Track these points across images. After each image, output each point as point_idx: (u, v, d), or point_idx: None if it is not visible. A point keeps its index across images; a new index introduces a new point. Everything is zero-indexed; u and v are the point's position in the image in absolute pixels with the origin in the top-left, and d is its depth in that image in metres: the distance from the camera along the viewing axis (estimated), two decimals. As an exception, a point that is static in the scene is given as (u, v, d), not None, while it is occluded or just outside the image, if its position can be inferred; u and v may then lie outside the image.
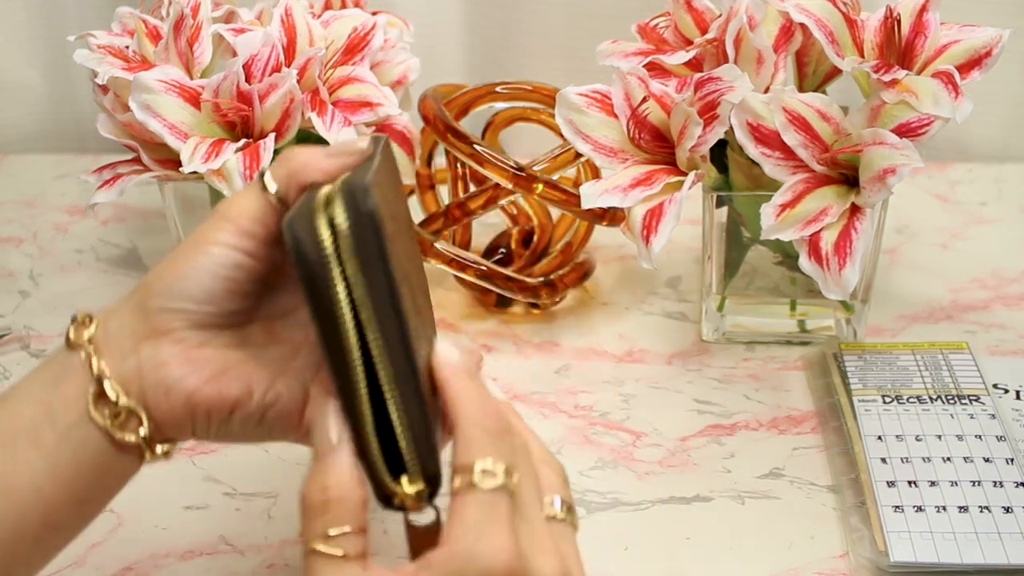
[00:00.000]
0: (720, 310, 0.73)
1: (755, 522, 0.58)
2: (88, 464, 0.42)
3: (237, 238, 0.43)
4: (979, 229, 0.87)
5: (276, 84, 0.67)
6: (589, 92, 0.66)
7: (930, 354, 0.69)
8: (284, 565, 0.56)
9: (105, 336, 0.43)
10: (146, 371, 0.43)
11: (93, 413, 0.42)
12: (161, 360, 0.43)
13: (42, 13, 1.04)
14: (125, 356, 0.43)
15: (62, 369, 0.43)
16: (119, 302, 0.45)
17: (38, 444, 0.42)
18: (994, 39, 0.63)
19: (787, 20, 0.65)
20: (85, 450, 0.42)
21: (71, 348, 0.43)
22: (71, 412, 0.42)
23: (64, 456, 0.42)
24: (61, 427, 0.42)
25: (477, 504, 0.37)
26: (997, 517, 0.55)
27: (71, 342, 0.43)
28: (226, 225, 0.43)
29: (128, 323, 0.43)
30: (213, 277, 0.43)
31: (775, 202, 0.61)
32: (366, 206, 0.38)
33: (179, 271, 0.43)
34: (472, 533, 0.36)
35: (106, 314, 0.44)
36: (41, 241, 0.90)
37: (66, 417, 0.42)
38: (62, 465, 0.42)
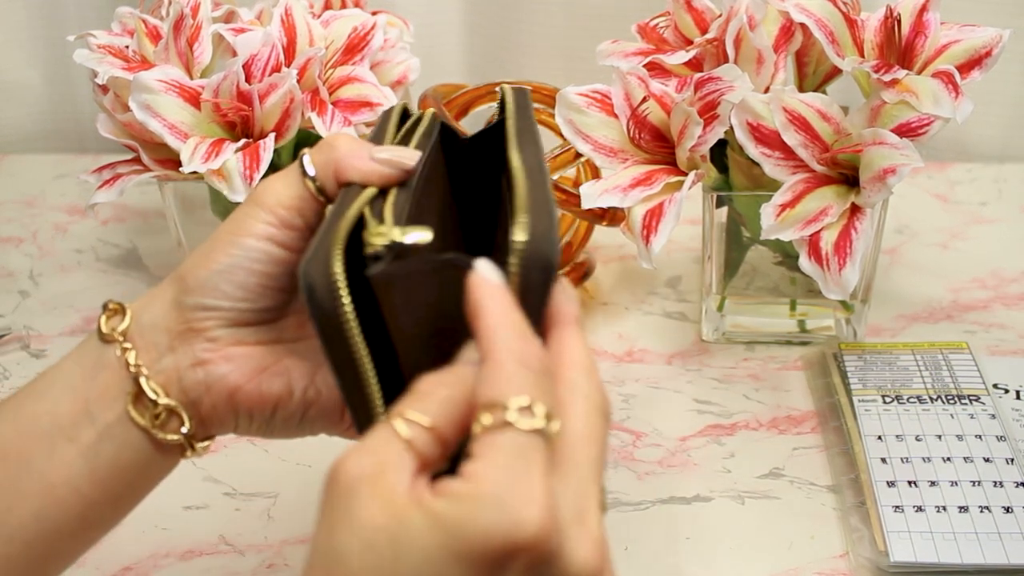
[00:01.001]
0: (720, 310, 0.73)
1: (755, 522, 0.58)
2: (128, 463, 0.42)
3: (274, 228, 0.42)
4: (979, 229, 0.87)
5: (276, 84, 0.67)
6: (589, 92, 0.66)
7: (930, 354, 0.69)
8: (284, 565, 0.56)
9: (139, 331, 0.42)
10: (184, 369, 0.42)
11: (133, 413, 0.41)
12: (200, 358, 0.42)
13: (42, 13, 1.04)
14: (161, 353, 0.42)
15: (97, 362, 0.42)
16: (152, 293, 0.43)
17: (76, 441, 0.41)
18: (994, 39, 0.63)
19: (787, 20, 0.65)
20: (125, 449, 0.42)
21: (104, 341, 0.42)
22: (109, 410, 0.41)
23: (103, 455, 0.41)
24: (100, 425, 0.41)
25: (511, 445, 0.31)
26: (997, 517, 0.55)
27: (104, 334, 0.42)
28: (261, 215, 0.42)
29: (162, 318, 0.42)
30: (248, 272, 0.42)
31: (775, 202, 0.61)
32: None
33: (214, 265, 0.42)
34: (502, 476, 0.30)
35: (140, 306, 0.43)
36: (41, 241, 0.90)
37: (105, 415, 0.41)
38: (101, 464, 0.41)
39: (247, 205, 0.42)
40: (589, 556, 0.31)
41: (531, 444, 0.31)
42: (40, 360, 0.74)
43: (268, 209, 0.42)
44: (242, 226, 0.42)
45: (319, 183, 0.42)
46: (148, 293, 0.44)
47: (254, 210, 0.42)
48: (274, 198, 0.42)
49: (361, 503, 0.31)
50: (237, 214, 0.42)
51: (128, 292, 0.82)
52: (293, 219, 0.42)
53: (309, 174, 0.42)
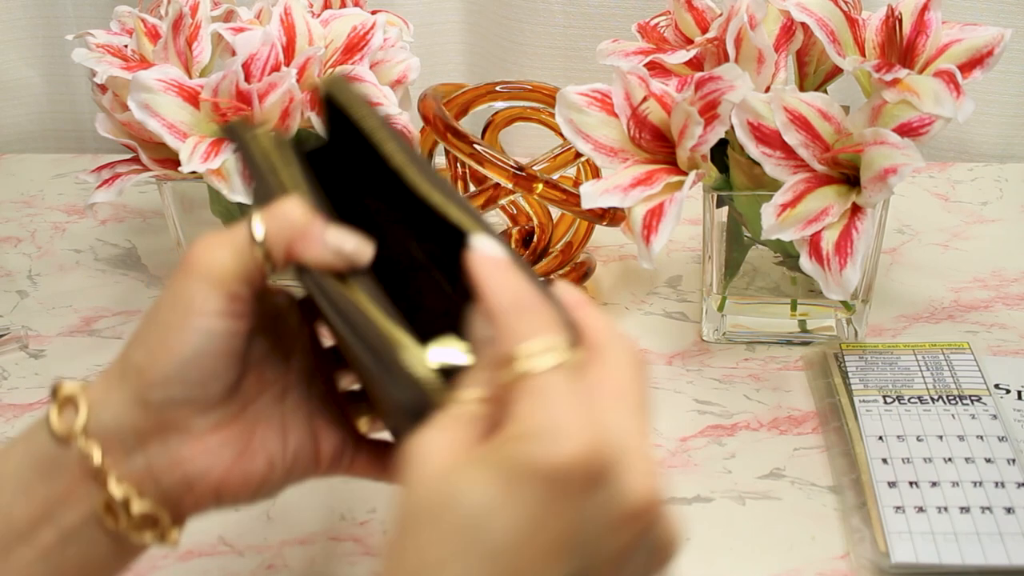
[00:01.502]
0: (720, 310, 0.72)
1: (755, 523, 0.58)
2: (96, 561, 0.40)
3: (228, 303, 0.39)
4: (980, 229, 0.87)
5: (275, 83, 0.67)
6: (589, 92, 0.66)
7: (931, 354, 0.68)
8: (284, 566, 0.56)
9: (101, 429, 0.39)
10: (160, 470, 0.39)
11: (104, 519, 0.39)
12: (177, 458, 0.40)
13: (41, 12, 1.04)
14: (129, 453, 0.39)
15: (54, 462, 0.39)
16: (107, 385, 0.40)
17: (34, 545, 0.38)
18: (996, 38, 0.63)
19: (788, 19, 0.65)
20: (93, 549, 0.39)
21: (59, 440, 0.39)
22: (73, 511, 0.39)
23: (69, 556, 0.39)
24: (64, 528, 0.39)
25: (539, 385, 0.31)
26: (999, 518, 0.55)
27: (58, 434, 0.39)
28: (212, 291, 0.39)
29: (126, 416, 0.39)
30: (214, 356, 0.39)
31: (776, 202, 0.61)
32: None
33: (175, 356, 0.38)
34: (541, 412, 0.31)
35: (96, 398, 0.39)
36: (39, 241, 0.90)
37: (68, 517, 0.39)
38: (66, 565, 0.39)
39: (193, 280, 0.39)
40: (644, 481, 0.31)
41: (558, 377, 0.31)
42: (38, 360, 0.74)
43: (217, 284, 0.39)
44: (194, 306, 0.39)
45: (266, 249, 0.39)
46: (101, 382, 0.40)
47: (202, 287, 0.39)
48: (220, 271, 0.39)
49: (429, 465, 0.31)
50: (182, 290, 0.39)
51: (127, 292, 0.82)
52: (240, 289, 0.39)
53: (258, 241, 0.39)
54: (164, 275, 0.83)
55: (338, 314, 0.38)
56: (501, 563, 0.30)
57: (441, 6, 1.03)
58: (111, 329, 0.77)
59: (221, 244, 0.39)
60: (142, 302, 0.80)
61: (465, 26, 1.04)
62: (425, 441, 0.32)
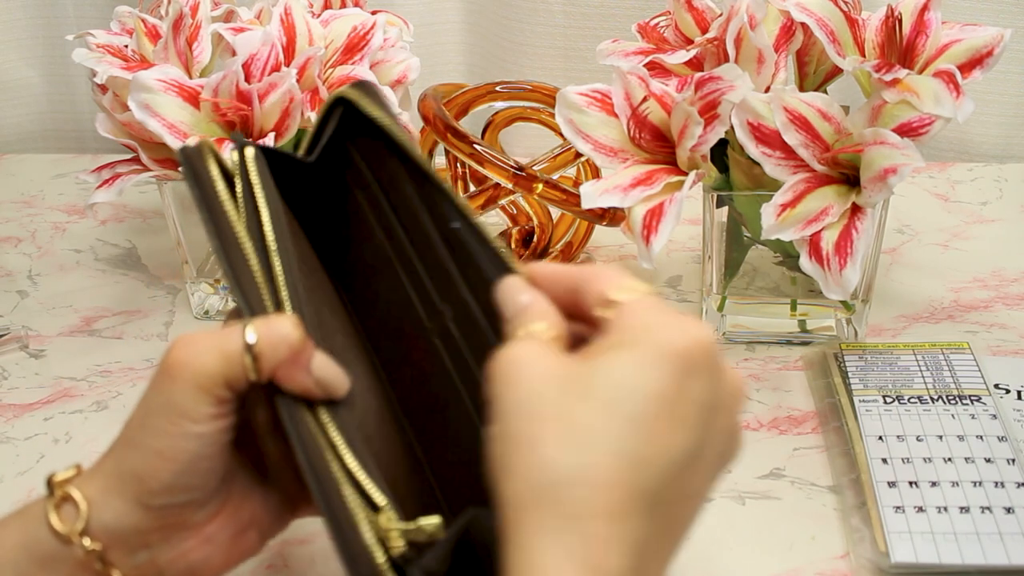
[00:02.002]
0: (720, 310, 0.72)
1: (755, 522, 0.58)
2: None
3: (217, 406, 0.39)
4: (980, 229, 0.87)
5: (275, 83, 0.67)
6: (589, 92, 0.66)
7: (931, 354, 0.68)
8: (284, 565, 0.56)
9: (103, 530, 0.40)
10: (164, 563, 0.41)
11: None
12: (181, 550, 0.41)
13: (41, 12, 1.04)
14: (133, 551, 0.40)
15: (54, 558, 0.40)
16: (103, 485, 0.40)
17: None
18: (995, 38, 0.63)
19: (788, 19, 0.65)
20: None
21: (59, 538, 0.39)
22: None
23: None
24: None
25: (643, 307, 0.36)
26: (998, 517, 0.55)
27: (60, 534, 0.39)
28: (203, 398, 0.39)
29: (129, 519, 0.40)
30: (210, 457, 0.40)
31: (776, 202, 0.61)
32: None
33: (174, 462, 0.39)
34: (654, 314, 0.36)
35: (93, 499, 0.40)
36: (40, 241, 0.90)
37: None
38: None
39: (181, 385, 0.39)
40: (734, 371, 0.37)
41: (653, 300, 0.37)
42: (39, 360, 0.74)
43: (205, 389, 0.39)
44: (186, 414, 0.39)
45: (255, 358, 0.39)
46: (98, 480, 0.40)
47: (192, 393, 0.39)
48: (209, 377, 0.39)
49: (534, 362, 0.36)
50: (171, 395, 0.39)
51: (127, 292, 0.82)
52: (225, 394, 0.39)
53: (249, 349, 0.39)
54: (164, 275, 0.83)
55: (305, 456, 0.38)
56: (643, 428, 0.34)
57: (441, 6, 1.03)
58: (111, 329, 0.77)
59: (208, 349, 0.39)
60: (142, 302, 0.80)
61: (465, 26, 1.04)
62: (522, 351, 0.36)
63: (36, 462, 0.64)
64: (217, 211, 0.42)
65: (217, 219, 0.42)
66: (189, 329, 0.76)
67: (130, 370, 0.72)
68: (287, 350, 0.39)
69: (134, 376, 0.72)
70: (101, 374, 0.72)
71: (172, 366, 0.39)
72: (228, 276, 0.41)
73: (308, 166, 0.48)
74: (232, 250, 0.41)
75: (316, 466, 0.37)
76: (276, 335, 0.39)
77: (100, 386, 0.71)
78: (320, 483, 0.37)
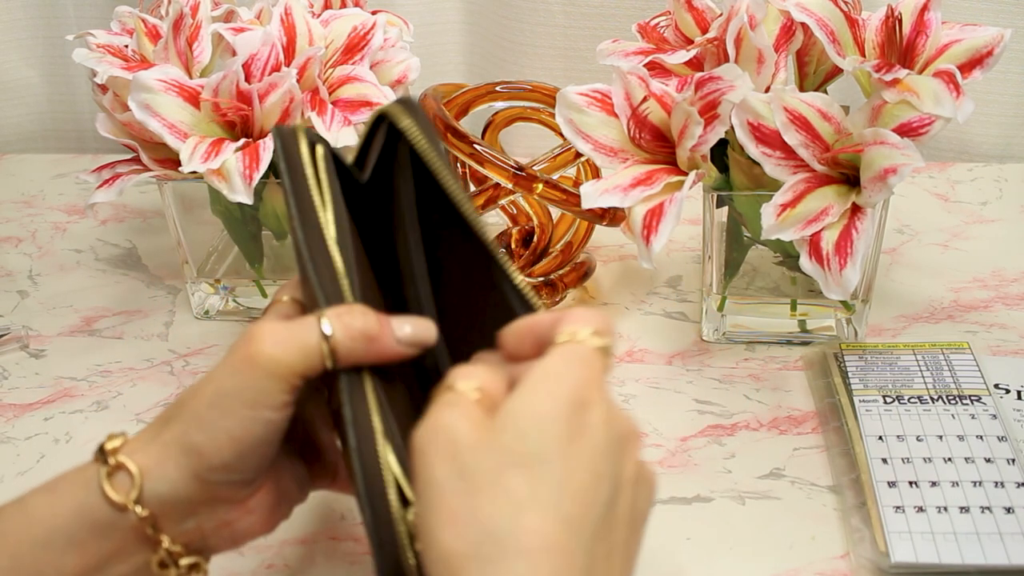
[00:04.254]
0: (720, 310, 0.72)
1: (755, 522, 0.58)
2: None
3: (288, 396, 0.41)
4: (980, 229, 0.87)
5: (276, 83, 0.67)
6: (589, 92, 0.66)
7: (931, 354, 0.68)
8: (284, 565, 0.56)
9: (157, 500, 0.42)
10: (208, 531, 0.43)
11: (155, 571, 0.42)
12: (225, 520, 0.43)
13: (41, 12, 1.04)
14: (183, 519, 0.42)
15: (108, 524, 0.41)
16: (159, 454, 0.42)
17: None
18: (995, 38, 0.63)
19: (788, 19, 0.65)
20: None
21: (114, 506, 0.41)
22: (126, 565, 0.42)
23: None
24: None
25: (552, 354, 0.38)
26: (998, 517, 0.55)
27: (114, 501, 0.41)
28: (280, 388, 0.41)
29: (183, 490, 0.42)
30: (271, 444, 0.42)
31: (776, 202, 0.61)
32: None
33: (239, 444, 0.41)
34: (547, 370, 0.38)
35: (147, 468, 0.42)
36: (40, 241, 0.90)
37: (120, 569, 0.42)
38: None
39: (261, 374, 0.41)
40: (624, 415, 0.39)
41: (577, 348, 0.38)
42: (39, 360, 0.74)
43: (284, 379, 0.41)
44: (261, 400, 0.41)
45: (332, 349, 0.41)
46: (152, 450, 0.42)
47: (271, 382, 0.41)
48: (289, 369, 0.41)
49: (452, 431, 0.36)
50: (250, 383, 0.41)
51: (127, 292, 0.82)
52: (300, 383, 0.42)
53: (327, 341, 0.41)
54: (164, 275, 0.83)
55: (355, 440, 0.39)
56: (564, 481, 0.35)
57: (441, 6, 1.03)
58: (111, 329, 0.77)
59: (290, 341, 0.41)
60: (142, 302, 0.80)
61: (465, 26, 1.04)
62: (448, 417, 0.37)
63: (36, 462, 0.64)
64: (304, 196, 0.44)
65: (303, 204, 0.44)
66: (189, 329, 0.77)
67: (130, 370, 0.72)
68: (364, 342, 0.41)
69: (134, 376, 0.72)
70: (101, 374, 0.72)
71: (254, 356, 0.41)
72: (304, 258, 0.43)
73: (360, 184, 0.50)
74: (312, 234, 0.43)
75: (364, 453, 0.39)
76: (354, 328, 0.41)
77: (100, 386, 0.71)
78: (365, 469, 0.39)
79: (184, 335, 0.76)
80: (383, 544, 0.38)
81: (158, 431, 0.43)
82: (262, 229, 0.76)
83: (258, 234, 0.76)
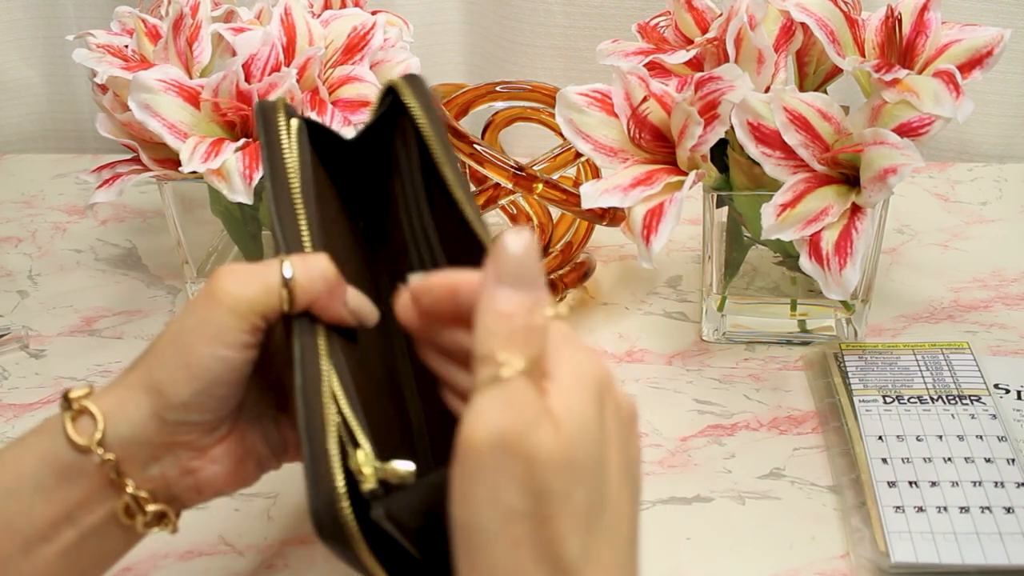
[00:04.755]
0: (720, 310, 0.72)
1: (755, 522, 0.58)
2: (110, 551, 0.44)
3: (247, 335, 0.42)
4: (980, 229, 0.87)
5: (276, 83, 0.67)
6: (589, 92, 0.66)
7: (931, 354, 0.68)
8: (284, 565, 0.56)
9: (119, 442, 0.42)
10: (172, 479, 0.43)
11: (122, 519, 0.42)
12: (188, 468, 0.44)
13: (41, 12, 1.04)
14: (146, 464, 0.43)
15: (72, 469, 0.42)
16: (121, 395, 0.43)
17: (55, 542, 0.42)
18: (995, 39, 0.63)
19: (788, 19, 0.65)
20: (108, 542, 0.43)
21: (78, 450, 0.41)
22: (93, 514, 0.42)
23: (86, 550, 0.42)
24: (83, 528, 0.42)
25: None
26: (998, 517, 0.55)
27: (77, 444, 0.41)
28: (238, 324, 0.41)
29: (143, 430, 0.42)
30: (229, 384, 0.42)
31: (776, 202, 0.61)
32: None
33: (195, 382, 0.41)
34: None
35: (111, 410, 0.42)
36: (40, 241, 0.90)
37: (87, 519, 0.42)
38: (84, 557, 0.43)
39: (221, 309, 0.41)
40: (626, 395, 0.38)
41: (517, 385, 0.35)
42: (39, 360, 0.74)
43: (243, 316, 0.41)
44: (220, 336, 0.41)
45: (291, 292, 0.41)
46: (115, 393, 0.43)
47: (230, 318, 0.41)
48: (249, 304, 0.41)
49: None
50: (209, 317, 0.41)
51: (127, 292, 0.82)
52: (260, 324, 0.42)
53: (287, 283, 0.41)
54: (164, 275, 0.83)
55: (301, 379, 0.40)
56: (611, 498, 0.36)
57: (441, 6, 1.03)
58: (111, 329, 0.77)
59: (250, 279, 0.42)
60: (142, 302, 0.80)
61: (465, 26, 1.04)
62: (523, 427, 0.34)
63: (36, 462, 0.64)
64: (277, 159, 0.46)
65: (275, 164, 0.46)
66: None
67: (130, 370, 0.72)
68: (324, 284, 0.41)
69: (134, 376, 0.72)
70: (101, 374, 0.72)
71: (216, 292, 0.41)
72: (274, 216, 0.44)
73: (349, 144, 0.52)
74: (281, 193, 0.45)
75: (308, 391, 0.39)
76: (314, 271, 0.42)
77: (100, 386, 0.71)
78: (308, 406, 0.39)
79: (184, 335, 0.76)
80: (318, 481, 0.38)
81: (123, 376, 0.43)
82: (262, 229, 0.76)
83: (258, 234, 0.76)
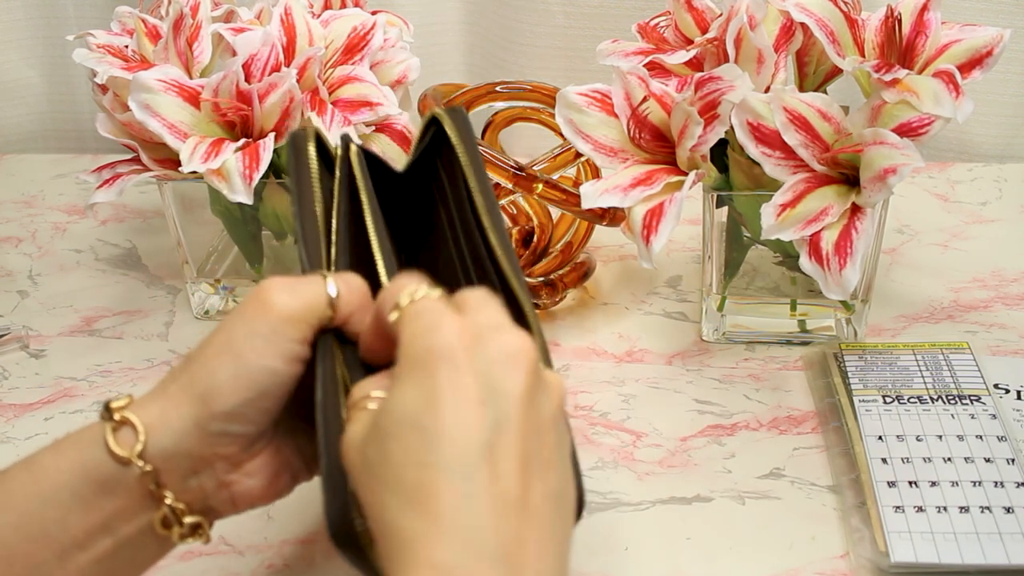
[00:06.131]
0: (720, 310, 0.72)
1: (755, 522, 0.58)
2: (144, 560, 0.44)
3: (298, 347, 0.42)
4: (980, 229, 0.87)
5: (276, 84, 0.67)
6: (589, 92, 0.66)
7: (931, 354, 0.69)
8: (284, 565, 0.56)
9: (160, 454, 0.42)
10: (209, 491, 0.44)
11: (159, 530, 0.43)
12: (225, 481, 0.44)
13: (41, 13, 1.04)
14: (184, 476, 0.43)
15: (112, 480, 0.42)
16: (163, 403, 0.43)
17: (91, 550, 0.42)
18: (995, 39, 0.63)
19: (788, 19, 0.65)
20: (143, 552, 0.44)
21: (118, 461, 0.41)
22: (129, 524, 0.42)
23: (121, 558, 0.43)
24: (120, 537, 0.42)
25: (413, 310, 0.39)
26: (998, 517, 0.55)
27: (117, 456, 0.41)
28: (292, 332, 0.42)
29: (184, 441, 0.42)
30: (272, 398, 0.43)
31: (775, 202, 0.61)
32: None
33: (243, 392, 0.42)
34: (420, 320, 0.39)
35: (154, 422, 0.42)
36: (40, 241, 0.90)
37: (125, 529, 0.42)
38: (117, 566, 0.43)
39: (272, 320, 0.42)
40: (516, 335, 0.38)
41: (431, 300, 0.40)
42: (39, 360, 0.74)
43: (295, 326, 0.42)
44: (271, 347, 0.42)
45: (334, 307, 0.43)
46: (156, 403, 0.43)
47: (284, 327, 0.42)
48: (300, 317, 0.42)
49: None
50: (260, 328, 0.42)
51: (127, 292, 0.82)
52: (308, 336, 0.43)
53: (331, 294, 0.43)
54: (164, 275, 0.84)
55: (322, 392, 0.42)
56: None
57: (441, 6, 1.03)
58: (111, 329, 0.77)
59: (299, 292, 0.43)
60: (142, 302, 0.80)
61: (465, 26, 1.04)
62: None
63: (36, 462, 0.64)
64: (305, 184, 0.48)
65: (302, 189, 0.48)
66: (190, 329, 0.77)
67: (130, 370, 0.72)
68: (361, 298, 0.43)
69: (134, 376, 0.72)
70: (101, 374, 0.72)
71: (266, 301, 0.42)
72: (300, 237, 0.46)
73: (399, 175, 0.53)
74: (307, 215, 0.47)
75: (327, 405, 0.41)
76: (354, 285, 0.44)
77: (100, 386, 0.71)
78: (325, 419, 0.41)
79: (184, 335, 0.76)
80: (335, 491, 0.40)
81: (164, 386, 0.43)
82: (262, 229, 0.76)
83: (258, 234, 0.76)
